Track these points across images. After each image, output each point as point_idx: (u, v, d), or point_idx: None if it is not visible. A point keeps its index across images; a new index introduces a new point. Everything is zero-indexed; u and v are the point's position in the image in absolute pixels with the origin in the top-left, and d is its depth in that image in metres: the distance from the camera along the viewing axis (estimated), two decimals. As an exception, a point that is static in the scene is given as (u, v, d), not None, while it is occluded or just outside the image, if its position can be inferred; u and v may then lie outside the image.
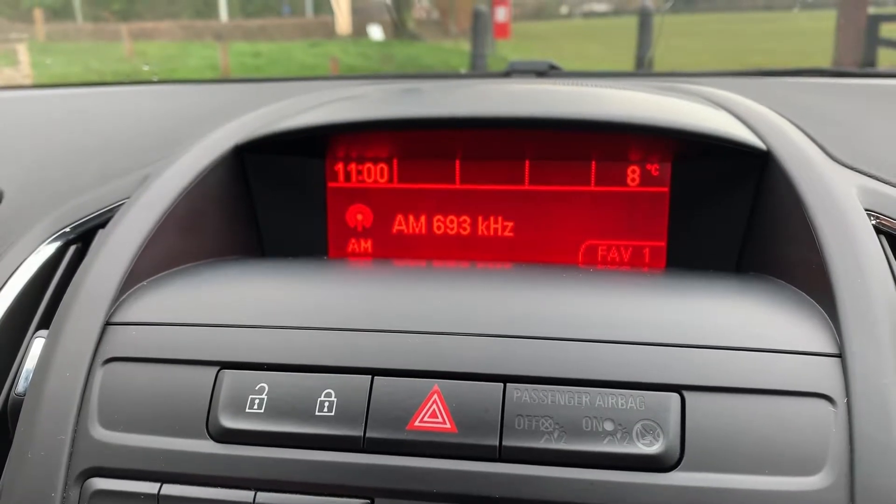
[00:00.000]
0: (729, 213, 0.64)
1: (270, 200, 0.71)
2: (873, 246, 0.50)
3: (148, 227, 0.57)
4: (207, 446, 0.46)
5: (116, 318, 0.52)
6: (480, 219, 0.69)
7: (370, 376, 0.46)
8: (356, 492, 0.44)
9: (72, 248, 0.64)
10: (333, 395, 0.46)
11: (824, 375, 0.44)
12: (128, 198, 0.63)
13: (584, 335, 0.46)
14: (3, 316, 0.58)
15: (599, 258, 0.68)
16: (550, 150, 0.66)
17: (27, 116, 0.96)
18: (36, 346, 0.54)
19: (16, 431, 0.49)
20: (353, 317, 0.49)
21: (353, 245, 0.72)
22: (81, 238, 0.65)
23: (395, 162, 0.70)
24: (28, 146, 0.85)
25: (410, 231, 0.71)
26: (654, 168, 0.66)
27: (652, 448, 0.42)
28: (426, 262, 0.62)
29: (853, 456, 0.41)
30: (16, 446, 0.49)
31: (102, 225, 0.63)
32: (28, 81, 3.40)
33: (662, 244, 0.67)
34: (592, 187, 0.67)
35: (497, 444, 0.43)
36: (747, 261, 0.63)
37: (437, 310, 0.49)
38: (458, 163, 0.69)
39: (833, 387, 0.43)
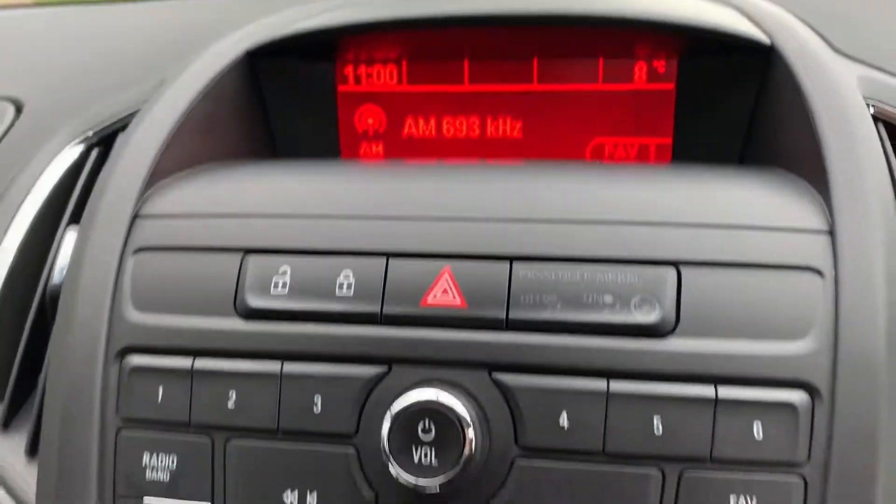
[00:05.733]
0: (734, 110, 0.65)
1: (282, 106, 0.72)
2: (869, 130, 0.51)
3: (168, 127, 0.59)
4: (236, 324, 0.49)
5: (144, 212, 0.54)
6: (489, 119, 0.71)
7: (385, 258, 0.49)
8: (375, 360, 0.47)
9: (94, 152, 0.66)
10: (352, 276, 0.48)
11: (815, 251, 0.46)
12: (145, 102, 0.65)
13: (586, 216, 0.48)
14: (36, 215, 0.61)
15: (607, 156, 0.70)
16: (558, 47, 0.67)
17: (41, 32, 0.97)
18: (69, 239, 0.57)
19: (56, 318, 0.53)
20: (369, 205, 0.51)
21: (364, 149, 0.74)
22: (103, 142, 0.67)
23: (404, 64, 0.71)
24: (44, 60, 0.86)
25: (421, 134, 0.72)
26: (660, 65, 0.67)
27: (649, 317, 0.45)
28: (437, 161, 0.64)
29: (838, 322, 0.43)
30: (56, 332, 0.52)
31: (123, 129, 0.65)
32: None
33: (668, 141, 0.68)
34: (600, 85, 0.68)
35: (504, 316, 0.46)
36: (750, 155, 0.65)
37: (447, 197, 0.51)
38: (466, 63, 0.69)
39: (822, 261, 0.45)
